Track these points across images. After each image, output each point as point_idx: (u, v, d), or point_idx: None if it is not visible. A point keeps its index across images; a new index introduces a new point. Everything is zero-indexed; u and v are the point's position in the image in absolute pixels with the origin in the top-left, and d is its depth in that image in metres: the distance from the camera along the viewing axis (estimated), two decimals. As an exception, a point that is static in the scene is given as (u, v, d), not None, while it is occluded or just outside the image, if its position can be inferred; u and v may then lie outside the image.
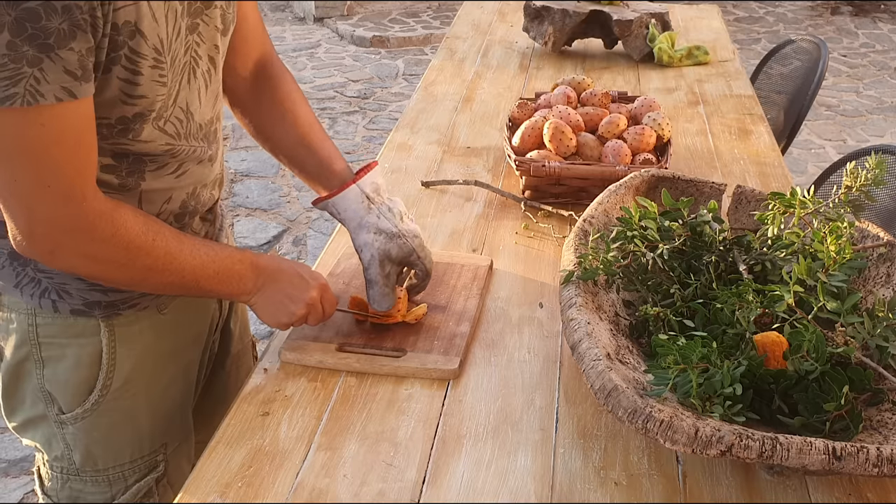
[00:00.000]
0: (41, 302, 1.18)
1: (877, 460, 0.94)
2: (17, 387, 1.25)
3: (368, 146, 4.57)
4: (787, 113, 2.86)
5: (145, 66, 1.05)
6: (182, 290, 1.19)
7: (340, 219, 1.32)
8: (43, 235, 1.04)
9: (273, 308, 1.24)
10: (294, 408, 1.20)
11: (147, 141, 1.12)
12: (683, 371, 1.07)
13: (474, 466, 1.10)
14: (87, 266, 1.10)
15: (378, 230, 1.29)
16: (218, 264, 1.18)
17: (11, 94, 0.93)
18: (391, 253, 1.29)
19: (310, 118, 1.37)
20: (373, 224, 1.29)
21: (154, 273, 1.12)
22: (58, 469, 1.30)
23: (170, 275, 1.13)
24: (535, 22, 2.73)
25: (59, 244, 1.05)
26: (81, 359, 1.22)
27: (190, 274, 1.15)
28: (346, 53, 6.11)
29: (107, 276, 1.12)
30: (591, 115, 1.92)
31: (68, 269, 1.12)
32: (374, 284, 1.30)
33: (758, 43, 6.43)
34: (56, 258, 1.07)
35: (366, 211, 1.30)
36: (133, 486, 1.31)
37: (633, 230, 1.31)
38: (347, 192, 1.29)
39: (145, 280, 1.14)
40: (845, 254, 1.17)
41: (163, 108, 1.11)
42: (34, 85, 0.93)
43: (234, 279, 1.20)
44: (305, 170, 1.37)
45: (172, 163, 1.17)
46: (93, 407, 1.24)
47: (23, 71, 0.92)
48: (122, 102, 1.05)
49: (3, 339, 1.23)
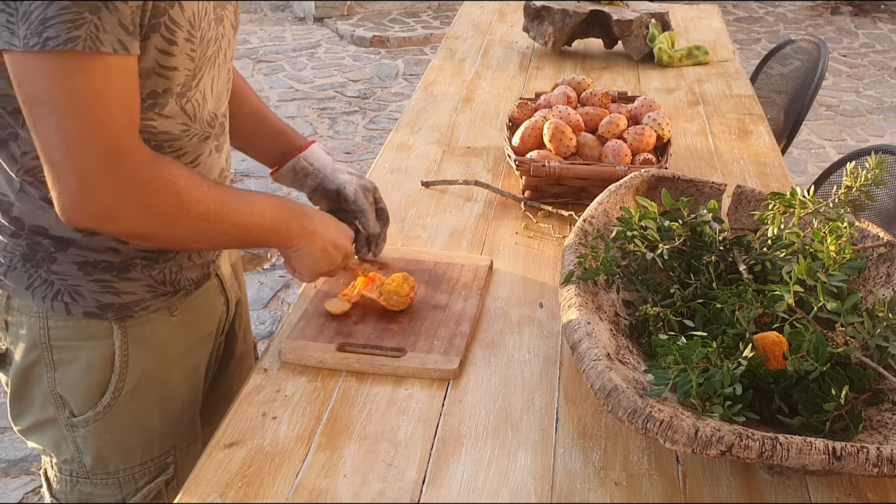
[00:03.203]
0: (53, 304, 1.17)
1: (877, 460, 0.94)
2: (27, 390, 1.24)
3: (368, 146, 4.56)
4: (787, 113, 2.86)
5: (180, 37, 1.06)
6: (233, 241, 1.20)
7: (312, 170, 1.44)
8: (95, 193, 1.00)
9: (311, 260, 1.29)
10: (294, 408, 1.20)
11: (168, 117, 1.12)
12: (683, 371, 1.07)
13: (474, 466, 1.10)
14: (143, 223, 1.06)
15: (349, 172, 1.46)
16: (264, 209, 1.19)
17: (74, 36, 0.92)
18: (367, 186, 1.46)
19: (255, 95, 1.47)
20: (343, 167, 1.46)
21: (207, 223, 1.11)
22: (67, 472, 1.29)
23: (222, 223, 1.12)
24: (535, 22, 2.73)
25: (112, 201, 1.01)
26: (94, 361, 1.21)
27: (240, 222, 1.15)
28: (346, 53, 6.11)
29: (163, 233, 1.09)
30: (591, 115, 1.92)
31: (123, 230, 1.07)
32: (365, 212, 1.43)
33: (758, 43, 6.43)
34: (110, 218, 1.03)
35: (333, 161, 1.47)
36: (143, 489, 1.31)
37: (633, 230, 1.31)
38: (314, 146, 1.46)
39: (199, 233, 1.12)
40: (845, 254, 1.17)
41: (186, 86, 1.11)
42: (94, 31, 0.93)
43: (282, 226, 1.22)
44: (259, 138, 1.45)
45: (189, 151, 1.17)
46: (105, 409, 1.24)
47: (84, 16, 0.92)
48: (156, 74, 1.06)
49: (12, 342, 1.22)
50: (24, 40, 0.92)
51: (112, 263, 1.17)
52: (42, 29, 0.91)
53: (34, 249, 1.15)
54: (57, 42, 0.91)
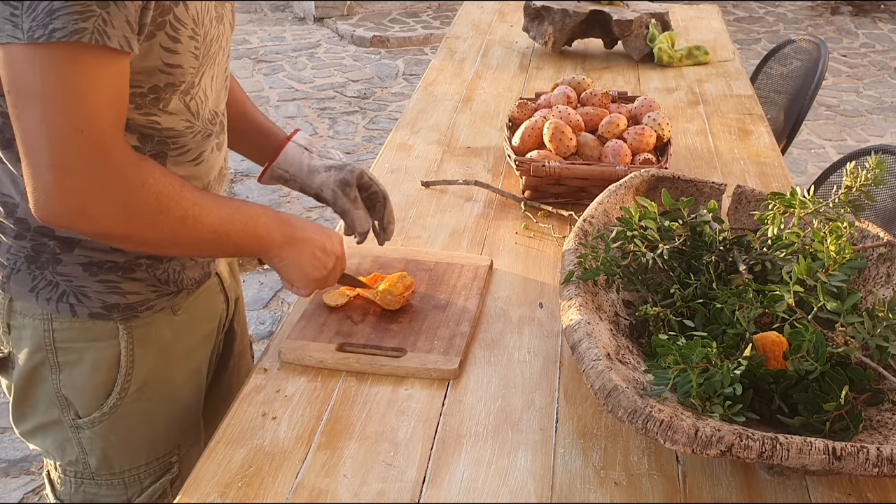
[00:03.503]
0: (58, 306, 1.17)
1: (877, 460, 0.94)
2: (31, 393, 1.24)
3: (368, 146, 4.56)
4: (787, 113, 2.86)
5: (185, 35, 1.06)
6: (213, 247, 1.16)
7: (289, 177, 1.40)
8: (73, 189, 0.97)
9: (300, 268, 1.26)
10: (294, 408, 1.20)
11: (172, 113, 1.11)
12: (683, 371, 1.07)
13: (474, 466, 1.10)
14: (119, 223, 1.03)
15: (327, 168, 1.39)
16: (244, 215, 1.16)
17: (80, 28, 0.91)
18: (348, 180, 1.39)
19: (243, 93, 1.45)
20: (320, 165, 1.40)
21: (186, 227, 1.09)
22: (71, 473, 1.29)
23: (201, 228, 1.10)
24: (535, 22, 2.73)
25: (90, 198, 0.99)
26: (99, 363, 1.21)
27: (220, 226, 1.13)
28: (346, 53, 6.11)
29: (139, 234, 1.06)
30: (591, 115, 1.92)
31: (98, 229, 1.03)
32: (348, 212, 1.38)
33: (758, 43, 6.43)
34: (86, 216, 1.00)
35: (309, 158, 1.40)
36: (149, 488, 1.31)
37: (633, 230, 1.31)
38: (287, 149, 1.40)
39: (178, 236, 1.09)
40: (845, 254, 1.17)
41: (189, 83, 1.11)
42: (101, 25, 0.93)
43: (262, 231, 1.19)
44: (245, 139, 1.44)
45: (192, 148, 1.17)
46: (110, 410, 1.23)
47: (92, 9, 0.92)
48: (160, 71, 1.06)
49: (14, 346, 1.22)
50: (28, 32, 0.91)
51: (117, 264, 1.17)
52: (48, 20, 0.90)
53: (39, 251, 1.15)
54: (63, 33, 0.91)
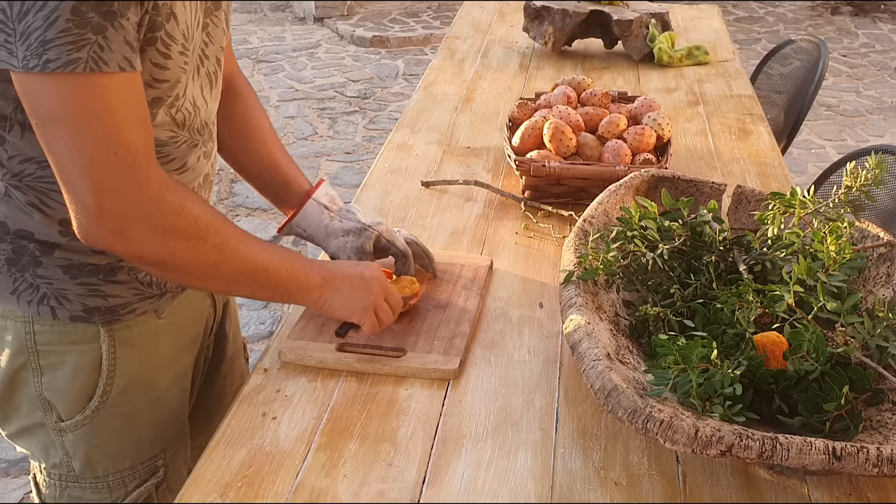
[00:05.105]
0: (39, 309, 1.16)
1: (877, 460, 0.94)
2: (13, 396, 1.24)
3: (368, 146, 4.56)
4: (787, 113, 2.86)
5: (175, 50, 1.05)
6: (251, 281, 1.13)
7: (307, 235, 1.38)
8: (112, 210, 0.99)
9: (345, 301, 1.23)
10: (294, 408, 1.20)
11: (156, 125, 1.11)
12: (683, 371, 1.07)
13: (474, 466, 1.10)
14: (158, 246, 1.03)
15: (345, 231, 1.37)
16: (282, 255, 1.16)
17: (74, 58, 0.91)
18: (364, 247, 1.36)
19: (273, 136, 1.43)
20: (338, 228, 1.37)
21: (224, 255, 1.08)
22: (56, 476, 1.28)
23: (240, 259, 1.09)
24: (535, 22, 2.73)
25: (129, 219, 1.00)
26: (81, 366, 1.20)
27: (259, 260, 1.12)
28: (346, 53, 6.11)
29: (177, 258, 1.06)
30: (591, 115, 1.92)
31: (135, 250, 1.04)
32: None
33: (758, 43, 6.43)
34: (126, 237, 1.01)
35: (328, 219, 1.38)
36: (133, 492, 1.31)
37: (633, 230, 1.31)
38: (306, 207, 1.37)
39: (216, 265, 1.08)
40: (845, 254, 1.17)
41: (175, 97, 1.11)
42: (97, 52, 0.93)
43: (301, 273, 1.18)
44: (268, 189, 1.42)
45: (177, 157, 1.17)
46: (93, 414, 1.23)
47: (87, 37, 0.91)
48: (148, 85, 1.05)
49: None
50: (23, 61, 0.91)
51: (98, 266, 1.17)
52: (42, 51, 0.90)
53: (19, 253, 1.14)
54: (57, 64, 0.91)
